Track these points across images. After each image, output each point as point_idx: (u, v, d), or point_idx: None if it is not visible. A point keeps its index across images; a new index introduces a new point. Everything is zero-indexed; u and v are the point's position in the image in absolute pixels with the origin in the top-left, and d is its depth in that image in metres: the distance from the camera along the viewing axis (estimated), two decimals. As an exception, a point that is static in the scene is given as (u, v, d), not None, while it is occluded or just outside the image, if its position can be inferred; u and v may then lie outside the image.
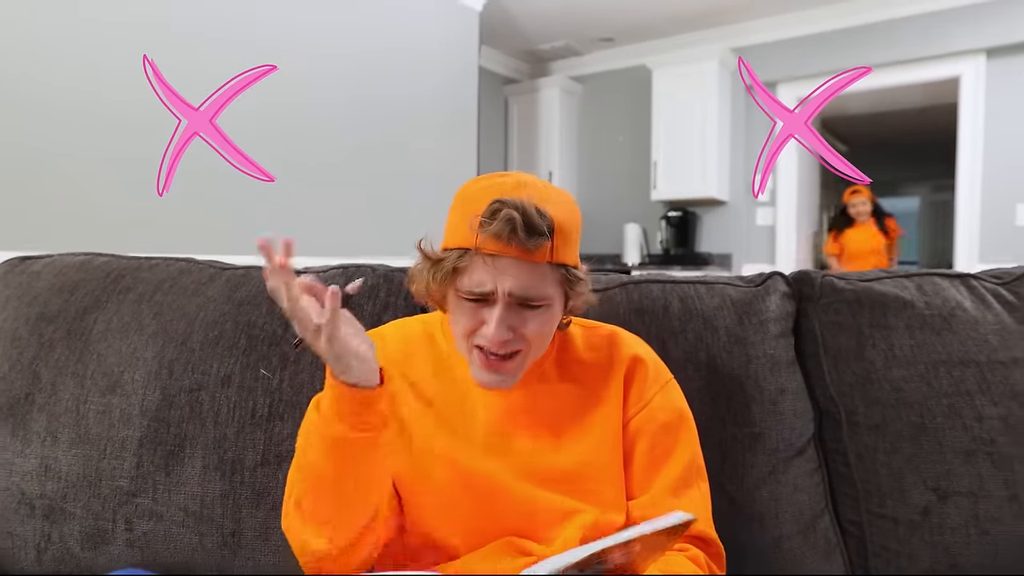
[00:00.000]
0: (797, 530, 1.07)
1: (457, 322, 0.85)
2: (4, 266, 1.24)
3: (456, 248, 0.82)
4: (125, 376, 1.05)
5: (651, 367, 0.94)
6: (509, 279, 0.80)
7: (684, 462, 0.91)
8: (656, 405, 0.92)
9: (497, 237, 0.78)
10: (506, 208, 0.77)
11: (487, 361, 0.84)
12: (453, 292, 0.84)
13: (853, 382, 1.13)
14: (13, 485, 1.03)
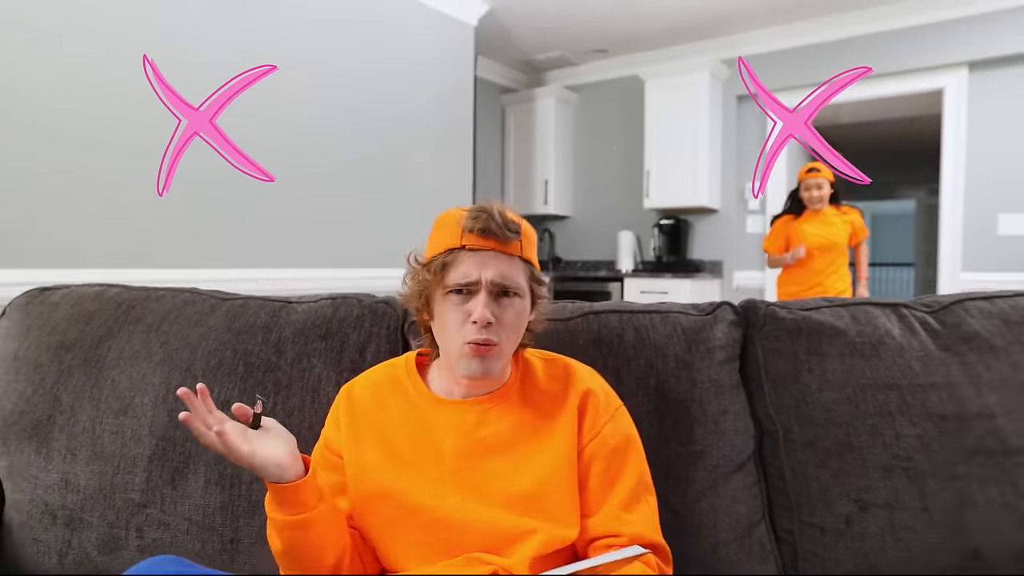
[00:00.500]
0: (734, 537, 1.20)
1: (446, 321, 0.99)
2: (25, 296, 1.37)
3: (444, 251, 0.99)
4: (136, 400, 1.18)
5: (602, 399, 1.07)
6: (491, 269, 0.97)
7: (633, 480, 1.04)
8: (607, 432, 1.05)
9: (480, 233, 0.97)
10: (485, 211, 0.98)
11: (475, 349, 0.97)
12: (441, 293, 0.99)
13: (790, 403, 1.26)
14: (37, 497, 1.16)
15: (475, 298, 0.97)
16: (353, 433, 1.04)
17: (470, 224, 0.97)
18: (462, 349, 0.97)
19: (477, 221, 0.97)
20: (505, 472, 1.00)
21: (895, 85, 4.69)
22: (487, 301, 0.97)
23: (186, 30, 2.87)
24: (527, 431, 1.03)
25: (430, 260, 1.00)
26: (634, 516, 1.01)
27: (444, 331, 0.99)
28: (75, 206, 2.54)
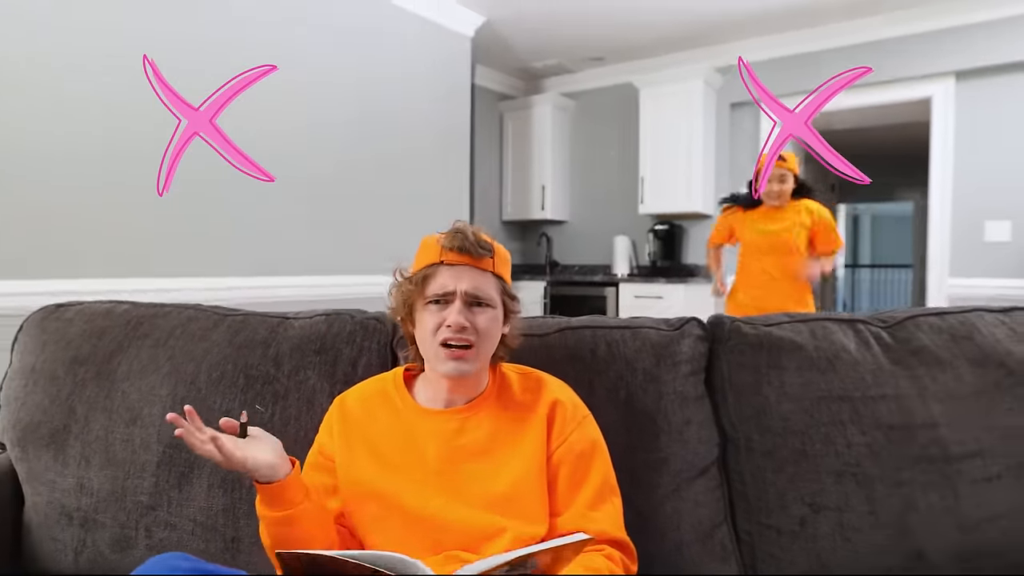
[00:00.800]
0: (696, 538, 1.30)
1: (426, 328, 1.10)
2: (40, 312, 1.47)
3: (425, 266, 1.13)
4: (144, 411, 1.29)
5: (569, 408, 1.17)
6: (465, 281, 1.10)
7: (598, 483, 1.14)
8: (573, 439, 1.15)
9: (457, 250, 1.11)
10: (461, 231, 1.12)
11: (451, 352, 1.09)
12: (422, 303, 1.11)
13: (751, 413, 1.36)
14: (55, 500, 1.27)
15: (451, 307, 1.09)
16: (345, 440, 1.15)
17: (448, 242, 1.11)
18: (439, 352, 1.09)
19: (454, 240, 1.11)
20: (483, 475, 1.11)
21: (884, 94, 4.79)
22: (461, 308, 1.09)
23: (184, 36, 2.96)
24: (502, 437, 1.14)
25: (413, 274, 1.13)
26: (598, 515, 1.12)
27: (425, 337, 1.11)
28: (78, 217, 2.64)
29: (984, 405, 1.32)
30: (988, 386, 1.33)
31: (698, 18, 4.64)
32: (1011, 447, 1.29)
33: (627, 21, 4.69)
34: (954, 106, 4.55)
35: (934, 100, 4.63)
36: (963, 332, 1.40)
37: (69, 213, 2.59)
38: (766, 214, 3.39)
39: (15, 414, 1.33)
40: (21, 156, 2.46)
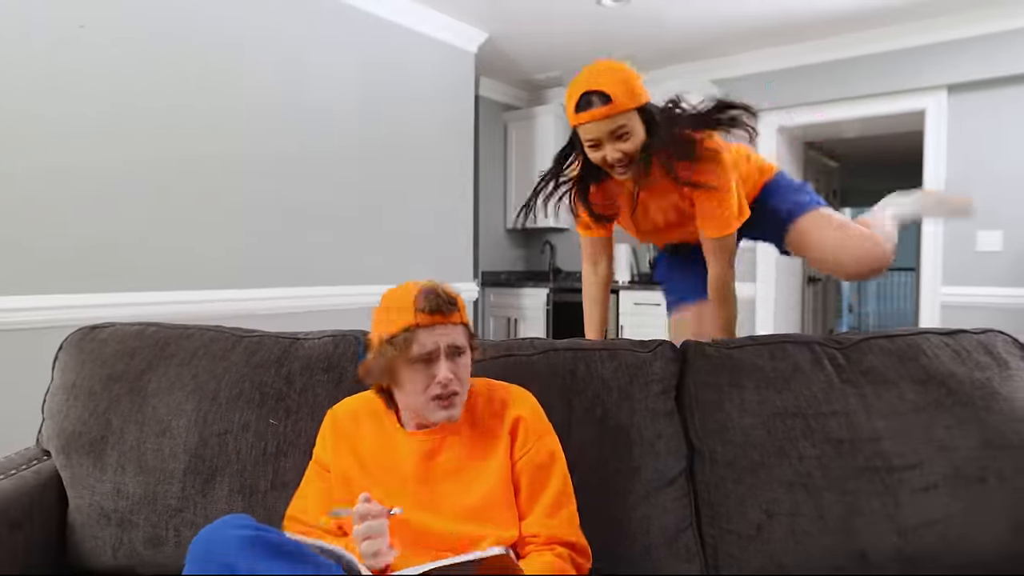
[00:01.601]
0: (663, 541, 1.45)
1: (413, 386, 1.23)
2: (77, 334, 1.64)
3: (400, 331, 1.21)
4: (173, 423, 1.45)
5: (531, 424, 1.33)
6: (445, 338, 1.22)
7: (555, 492, 1.29)
8: (533, 452, 1.31)
9: (431, 312, 1.21)
10: (432, 292, 1.22)
11: (442, 403, 1.22)
12: (406, 365, 1.22)
13: (714, 428, 1.51)
14: (95, 502, 1.43)
15: (436, 364, 1.22)
16: (336, 447, 1.31)
17: (422, 305, 1.21)
18: (429, 404, 1.23)
19: (428, 302, 1.21)
20: (456, 491, 1.26)
21: (881, 105, 4.89)
22: (447, 363, 1.22)
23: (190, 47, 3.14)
24: (473, 455, 1.29)
25: (392, 337, 1.21)
26: (554, 521, 1.27)
27: (413, 393, 1.23)
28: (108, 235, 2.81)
29: (924, 421, 1.46)
30: (929, 404, 1.47)
31: (695, 31, 4.77)
32: (947, 459, 1.43)
33: (626, 35, 4.83)
34: (947, 118, 4.66)
35: (927, 112, 4.74)
36: (910, 354, 1.55)
37: (100, 231, 2.76)
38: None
39: (59, 424, 1.50)
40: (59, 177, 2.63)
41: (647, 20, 4.55)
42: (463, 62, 4.63)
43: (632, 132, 1.65)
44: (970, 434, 1.45)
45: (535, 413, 1.35)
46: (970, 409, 1.47)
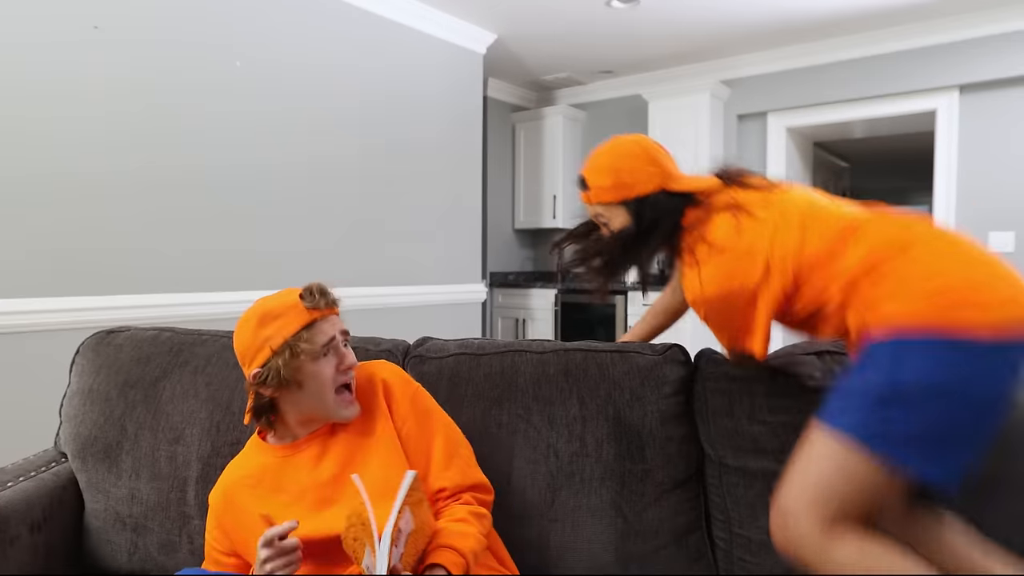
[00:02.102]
0: (672, 541, 1.45)
1: (320, 382, 1.21)
2: (93, 339, 1.65)
3: (300, 328, 1.21)
4: (187, 431, 1.47)
5: (396, 384, 1.35)
6: (337, 325, 1.26)
7: (443, 442, 1.33)
8: (409, 411, 1.33)
9: (324, 306, 1.24)
10: (314, 289, 1.25)
11: (348, 396, 1.26)
12: (310, 362, 1.20)
13: (724, 434, 1.51)
14: (110, 507, 1.45)
15: (338, 351, 1.25)
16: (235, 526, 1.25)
17: (313, 300, 1.24)
18: (336, 400, 1.24)
19: (316, 297, 1.24)
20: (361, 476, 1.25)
21: (891, 106, 4.88)
22: (346, 351, 1.26)
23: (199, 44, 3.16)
24: (361, 433, 1.29)
25: (293, 335, 1.20)
26: (451, 471, 1.30)
27: (319, 390, 1.22)
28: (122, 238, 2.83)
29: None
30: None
31: (704, 32, 4.77)
32: None
33: (635, 36, 4.83)
34: (958, 119, 4.64)
35: (938, 113, 4.71)
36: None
37: (115, 235, 2.78)
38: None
39: (75, 428, 1.52)
40: (74, 182, 2.65)
41: (656, 21, 4.55)
42: (472, 63, 4.64)
43: (612, 223, 1.48)
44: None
45: (397, 374, 1.38)
46: None
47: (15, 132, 2.51)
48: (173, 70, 2.99)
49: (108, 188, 2.78)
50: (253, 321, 1.21)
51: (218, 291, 3.17)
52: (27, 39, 2.53)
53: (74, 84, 2.67)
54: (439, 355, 1.62)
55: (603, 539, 1.43)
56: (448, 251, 4.50)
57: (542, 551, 1.43)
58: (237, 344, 1.24)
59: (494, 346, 1.63)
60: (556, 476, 1.46)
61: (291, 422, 1.26)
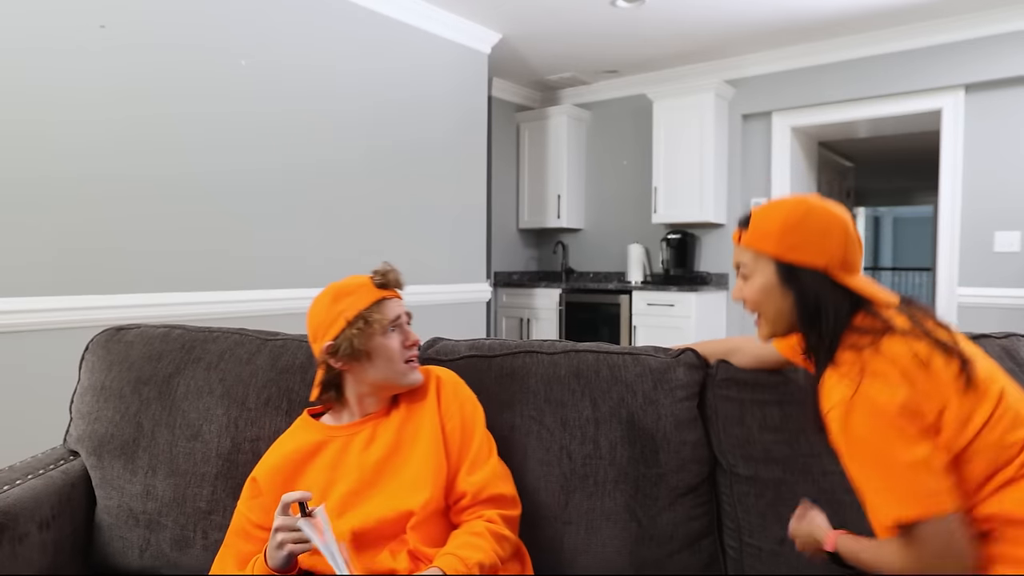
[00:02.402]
0: (685, 547, 1.45)
1: (389, 353, 1.31)
2: (103, 336, 1.65)
3: (371, 304, 1.31)
4: (204, 428, 1.47)
5: (448, 384, 1.40)
6: (403, 307, 1.37)
7: (476, 447, 1.36)
8: (456, 410, 1.37)
9: (393, 286, 1.36)
10: (385, 271, 1.35)
11: (413, 365, 1.34)
12: (380, 335, 1.30)
13: (736, 442, 1.50)
14: (124, 503, 1.45)
15: (403, 329, 1.35)
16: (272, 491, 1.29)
17: (383, 280, 1.35)
18: (405, 367, 1.33)
19: (387, 278, 1.35)
20: (397, 464, 1.30)
21: (896, 105, 4.87)
22: (410, 329, 1.37)
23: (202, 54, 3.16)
24: (407, 425, 1.34)
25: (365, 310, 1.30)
26: (477, 476, 1.32)
27: (388, 361, 1.31)
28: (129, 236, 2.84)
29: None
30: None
31: (709, 31, 4.76)
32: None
33: (640, 36, 4.83)
34: (964, 118, 4.64)
35: (944, 112, 4.71)
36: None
37: (122, 233, 2.79)
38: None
39: (90, 426, 1.52)
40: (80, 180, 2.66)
41: (661, 21, 4.54)
42: (476, 63, 4.64)
43: (752, 278, 1.24)
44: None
45: (453, 375, 1.44)
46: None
47: (26, 135, 2.52)
48: (177, 73, 2.99)
49: (115, 190, 2.79)
50: (327, 297, 1.32)
51: (226, 290, 3.17)
52: (39, 43, 2.54)
53: (79, 88, 2.67)
54: (450, 357, 1.62)
55: (617, 543, 1.43)
56: (453, 251, 4.50)
57: (556, 554, 1.44)
58: (311, 320, 1.33)
59: (504, 347, 1.63)
60: (570, 478, 1.46)
61: (351, 398, 1.34)
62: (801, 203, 1.21)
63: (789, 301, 1.20)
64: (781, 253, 1.19)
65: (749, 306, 1.26)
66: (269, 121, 3.36)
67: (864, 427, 1.06)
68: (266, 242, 3.36)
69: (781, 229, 1.19)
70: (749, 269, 1.23)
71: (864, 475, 1.08)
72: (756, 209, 1.25)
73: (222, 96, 3.15)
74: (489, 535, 1.26)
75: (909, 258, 13.19)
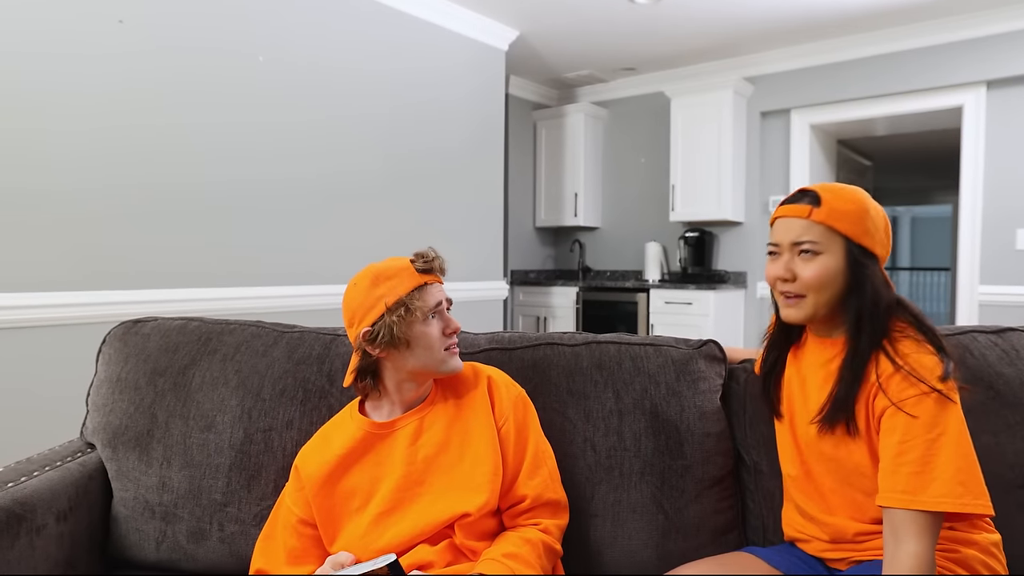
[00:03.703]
0: (711, 541, 1.42)
1: (429, 340, 1.24)
2: (120, 328, 1.64)
3: (411, 289, 1.24)
4: (218, 419, 1.45)
5: (501, 385, 1.35)
6: (444, 293, 1.29)
7: (533, 448, 1.32)
8: (511, 413, 1.32)
9: (437, 271, 1.28)
10: (427, 256, 1.27)
11: (454, 351, 1.28)
12: (420, 322, 1.23)
13: (761, 440, 1.46)
14: (140, 495, 1.44)
15: (443, 315, 1.28)
16: (314, 491, 1.26)
17: (425, 265, 1.27)
18: (445, 354, 1.26)
19: (429, 263, 1.27)
20: (447, 461, 1.27)
21: (915, 102, 4.81)
22: (451, 316, 1.29)
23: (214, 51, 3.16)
24: (456, 420, 1.30)
25: (405, 295, 1.23)
26: (535, 480, 1.29)
27: (428, 348, 1.24)
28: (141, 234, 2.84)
29: (971, 426, 1.40)
30: (975, 407, 1.40)
31: (728, 28, 4.72)
32: (990, 466, 1.38)
33: (658, 33, 4.79)
34: (985, 115, 4.57)
35: (965, 109, 4.64)
36: (955, 355, 1.48)
37: (137, 232, 2.79)
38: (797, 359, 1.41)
39: (105, 418, 1.51)
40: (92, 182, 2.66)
41: (679, 18, 4.51)
42: (494, 60, 4.62)
43: (819, 255, 1.20)
44: (1018, 438, 1.39)
45: (503, 375, 1.39)
46: (1019, 412, 1.41)
47: (46, 137, 2.52)
48: (192, 76, 2.99)
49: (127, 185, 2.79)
50: (366, 281, 1.24)
51: (244, 286, 3.17)
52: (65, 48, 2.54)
53: (99, 93, 2.68)
54: (470, 350, 1.59)
55: (643, 536, 1.40)
56: (470, 248, 4.48)
57: (581, 546, 1.41)
58: (347, 303, 1.26)
59: (525, 339, 1.60)
60: (595, 470, 1.43)
61: (389, 385, 1.28)
62: (864, 192, 1.23)
63: (847, 283, 1.20)
64: (858, 235, 1.19)
65: (804, 285, 1.21)
66: (287, 120, 3.36)
67: (944, 411, 1.08)
68: (289, 240, 3.35)
69: (858, 211, 1.19)
70: (820, 246, 1.19)
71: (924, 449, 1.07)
72: (820, 188, 1.23)
73: (240, 98, 3.15)
74: (542, 548, 1.23)
75: (927, 258, 13.04)
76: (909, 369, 1.11)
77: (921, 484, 1.06)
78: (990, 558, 1.16)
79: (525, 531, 1.25)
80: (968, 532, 1.19)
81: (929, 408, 1.08)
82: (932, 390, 1.09)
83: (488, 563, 1.16)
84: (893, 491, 1.08)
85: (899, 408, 1.10)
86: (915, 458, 1.07)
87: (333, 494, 1.26)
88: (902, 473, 1.08)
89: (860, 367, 1.17)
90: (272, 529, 1.31)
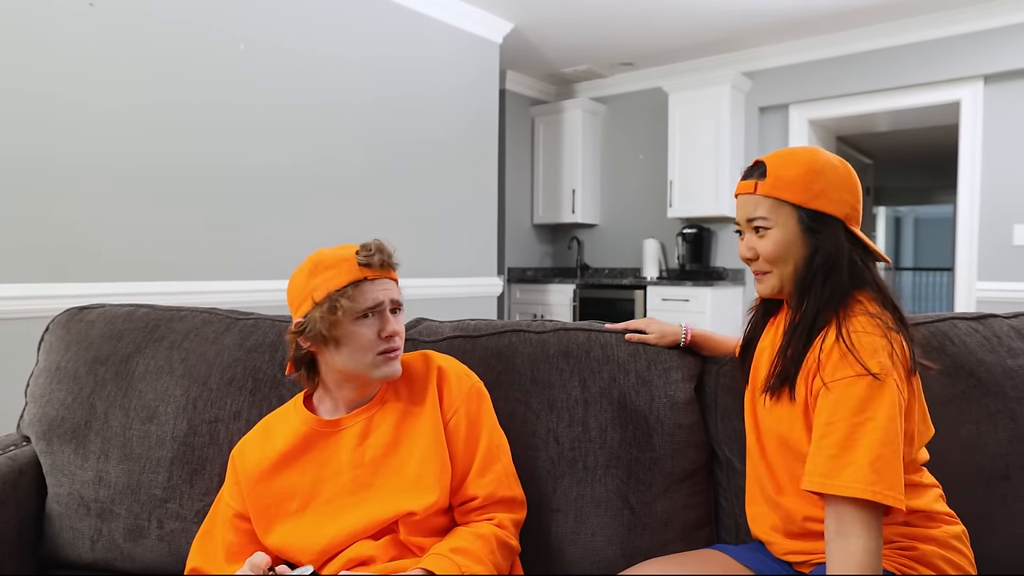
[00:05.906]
0: (680, 537, 1.33)
1: (358, 343, 1.13)
2: (65, 315, 1.56)
3: (346, 284, 1.13)
4: (160, 409, 1.37)
5: (452, 377, 1.25)
6: (388, 292, 1.17)
7: (485, 444, 1.22)
8: (461, 408, 1.23)
9: (379, 265, 1.15)
10: (374, 247, 1.15)
11: (388, 357, 1.15)
12: (350, 322, 1.13)
13: (733, 436, 1.38)
14: (74, 491, 1.35)
15: (382, 317, 1.16)
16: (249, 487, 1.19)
17: (367, 258, 1.14)
18: (376, 360, 1.15)
19: (373, 256, 1.15)
20: (395, 463, 1.17)
21: (913, 97, 4.74)
22: (392, 318, 1.17)
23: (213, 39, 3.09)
24: (405, 420, 1.20)
25: (337, 290, 1.12)
26: (487, 479, 1.20)
27: (357, 351, 1.14)
28: (100, 223, 2.76)
29: (951, 416, 1.32)
30: (956, 396, 1.34)
31: (726, 23, 4.63)
32: (969, 456, 1.30)
33: (655, 26, 4.70)
34: (983, 109, 4.48)
35: (963, 103, 4.56)
36: (935, 342, 1.40)
37: (92, 219, 2.71)
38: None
39: (41, 409, 1.42)
40: (46, 166, 2.58)
41: (676, 11, 4.42)
42: (487, 53, 4.54)
43: (771, 230, 1.15)
44: (1000, 427, 1.32)
45: (456, 365, 1.29)
46: (1001, 400, 1.34)
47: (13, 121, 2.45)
48: (171, 58, 2.91)
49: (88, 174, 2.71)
50: (306, 269, 1.16)
51: (213, 280, 3.09)
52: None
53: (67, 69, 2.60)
54: (433, 338, 1.51)
55: (608, 532, 1.31)
56: (462, 243, 4.40)
57: (541, 543, 1.32)
58: (288, 290, 1.19)
59: (491, 327, 1.52)
60: (557, 463, 1.35)
61: (329, 383, 1.19)
62: (817, 151, 1.16)
63: (807, 251, 1.14)
64: (806, 200, 1.13)
65: (764, 260, 1.17)
66: (272, 111, 3.28)
67: (876, 396, 1.01)
68: (265, 230, 3.27)
69: (806, 175, 1.13)
70: (769, 221, 1.15)
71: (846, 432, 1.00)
72: (768, 157, 1.17)
73: (220, 84, 3.07)
74: (495, 543, 1.14)
75: (930, 258, 12.94)
76: (849, 346, 1.04)
77: (836, 468, 0.99)
78: (952, 552, 1.09)
79: (477, 526, 1.17)
80: (925, 527, 1.11)
81: (859, 391, 1.01)
82: (867, 373, 1.01)
83: (434, 558, 1.08)
84: (812, 474, 1.01)
85: (828, 388, 1.04)
86: (836, 441, 1.00)
87: (269, 493, 1.17)
88: (822, 456, 1.01)
89: (803, 331, 1.11)
90: (211, 524, 1.23)
